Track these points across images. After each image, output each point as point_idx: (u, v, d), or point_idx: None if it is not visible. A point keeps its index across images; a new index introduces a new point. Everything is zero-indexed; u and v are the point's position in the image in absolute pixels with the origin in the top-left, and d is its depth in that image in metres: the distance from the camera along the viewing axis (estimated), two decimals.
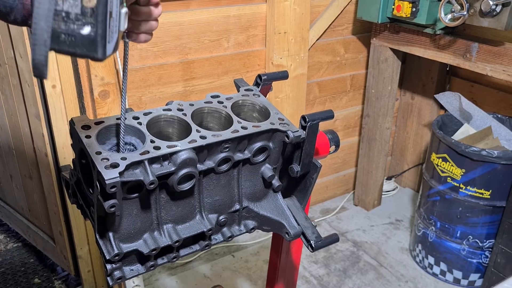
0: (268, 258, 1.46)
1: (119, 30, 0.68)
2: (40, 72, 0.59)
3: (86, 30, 0.60)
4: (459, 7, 1.75)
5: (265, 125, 0.99)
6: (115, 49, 0.67)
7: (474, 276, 2.18)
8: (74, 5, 0.59)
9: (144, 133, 0.91)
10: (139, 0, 0.78)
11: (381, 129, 2.50)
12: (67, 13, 0.59)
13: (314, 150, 1.05)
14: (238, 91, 1.13)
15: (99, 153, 0.83)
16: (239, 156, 0.98)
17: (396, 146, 2.91)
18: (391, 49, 2.29)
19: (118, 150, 0.90)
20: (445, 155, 2.05)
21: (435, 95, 2.33)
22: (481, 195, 1.99)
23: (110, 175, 0.79)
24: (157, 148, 0.87)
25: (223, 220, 1.02)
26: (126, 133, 0.89)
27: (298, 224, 1.06)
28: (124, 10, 0.69)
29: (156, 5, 0.81)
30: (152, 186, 0.84)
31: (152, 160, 0.86)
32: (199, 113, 1.01)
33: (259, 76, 1.14)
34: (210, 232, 0.99)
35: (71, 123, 0.92)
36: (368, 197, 2.72)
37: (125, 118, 0.89)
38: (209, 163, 0.94)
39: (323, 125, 1.94)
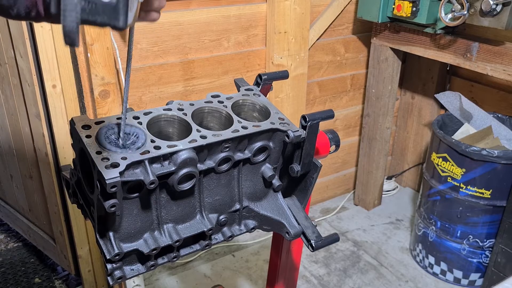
0: (269, 258, 1.47)
1: (139, 0, 0.66)
2: (71, 40, 0.56)
3: None
4: (459, 7, 1.75)
5: (265, 125, 0.99)
6: (135, 18, 0.65)
7: (474, 276, 2.18)
8: None
9: (145, 133, 0.90)
10: None
11: (381, 128, 2.50)
12: None
13: (315, 150, 1.05)
14: (239, 90, 1.13)
15: (99, 152, 0.83)
16: (239, 155, 0.98)
17: (396, 146, 2.91)
18: (392, 48, 2.29)
19: (118, 134, 0.88)
20: (445, 154, 2.05)
21: (435, 95, 2.33)
22: (481, 195, 1.99)
23: (110, 175, 0.78)
24: (157, 147, 0.87)
25: (223, 219, 1.02)
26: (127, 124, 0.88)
27: (299, 224, 1.06)
28: None
29: None
30: (152, 185, 0.84)
31: (153, 160, 0.86)
32: (199, 113, 1.01)
33: (259, 76, 1.14)
34: (210, 231, 0.99)
35: (71, 122, 0.92)
36: (368, 196, 2.72)
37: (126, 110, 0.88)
38: (210, 163, 0.94)
39: (323, 125, 1.94)
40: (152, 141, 0.89)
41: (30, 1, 0.69)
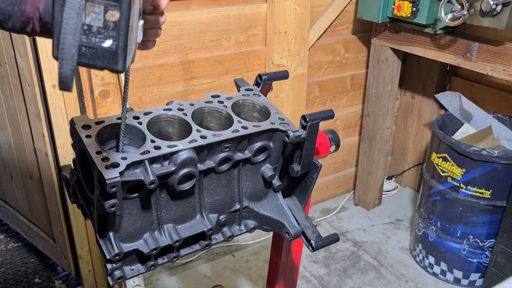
0: (269, 258, 1.47)
1: (136, 42, 0.69)
2: (66, 85, 0.59)
3: (108, 43, 0.61)
4: (459, 7, 1.75)
5: (265, 125, 0.99)
6: (133, 60, 0.69)
7: (474, 276, 2.18)
8: (96, 18, 0.59)
9: (145, 133, 0.91)
10: (145, 9, 0.80)
11: (382, 128, 2.50)
12: (89, 26, 0.59)
13: (315, 150, 1.05)
14: (239, 90, 1.13)
15: (99, 152, 0.83)
16: (239, 155, 0.98)
17: (396, 146, 2.91)
18: (392, 48, 2.29)
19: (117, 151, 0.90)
20: (445, 154, 2.05)
21: (435, 95, 2.33)
22: (481, 195, 1.99)
23: (110, 175, 0.79)
24: (157, 147, 0.87)
25: (223, 219, 1.02)
26: (125, 135, 0.89)
27: (299, 224, 1.06)
28: (141, 22, 0.71)
29: (161, 13, 0.83)
30: (152, 186, 0.84)
31: (153, 160, 0.86)
32: (199, 113, 1.01)
33: (260, 76, 1.14)
34: (210, 231, 0.99)
35: (72, 122, 0.92)
36: (368, 196, 2.72)
37: (126, 118, 0.89)
38: (210, 163, 0.94)
39: (323, 125, 1.94)
40: (152, 141, 0.89)
41: (26, 18, 0.70)
